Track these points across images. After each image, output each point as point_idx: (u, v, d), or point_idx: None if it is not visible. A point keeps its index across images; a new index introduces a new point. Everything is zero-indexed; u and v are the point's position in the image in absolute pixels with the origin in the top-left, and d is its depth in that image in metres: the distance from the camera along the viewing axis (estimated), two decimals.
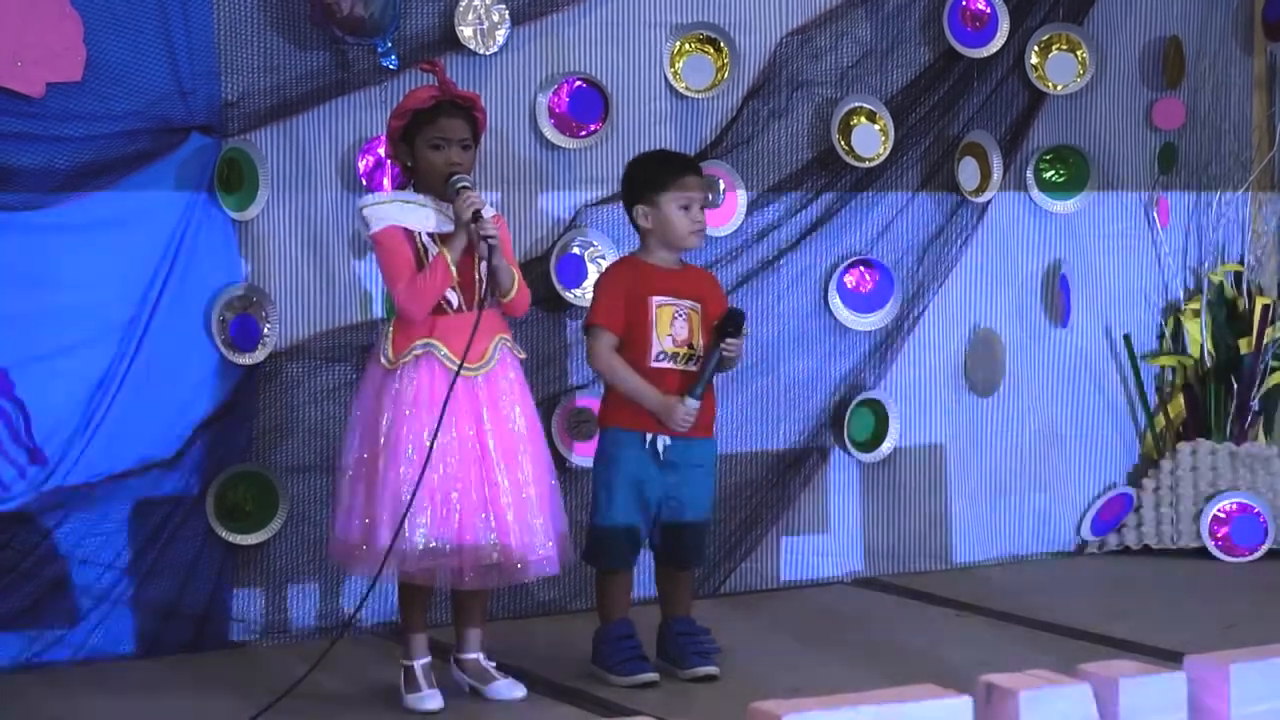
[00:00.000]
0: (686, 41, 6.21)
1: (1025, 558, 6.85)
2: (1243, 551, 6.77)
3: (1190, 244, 7.08)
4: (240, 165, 5.60)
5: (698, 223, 5.29)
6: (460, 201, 4.90)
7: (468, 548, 4.86)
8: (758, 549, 6.39)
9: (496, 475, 4.91)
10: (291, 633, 5.71)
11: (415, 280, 4.91)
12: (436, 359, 4.91)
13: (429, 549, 4.82)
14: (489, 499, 4.90)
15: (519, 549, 4.90)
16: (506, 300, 5.03)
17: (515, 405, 5.01)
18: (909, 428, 6.59)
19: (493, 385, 4.98)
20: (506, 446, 4.95)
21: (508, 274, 5.00)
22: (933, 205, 6.60)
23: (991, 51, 6.56)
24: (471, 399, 4.93)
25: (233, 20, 5.58)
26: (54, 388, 5.39)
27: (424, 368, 4.92)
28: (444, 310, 4.95)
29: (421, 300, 4.91)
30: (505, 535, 4.89)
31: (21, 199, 5.33)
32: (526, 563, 4.93)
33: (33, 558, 5.31)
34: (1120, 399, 7.01)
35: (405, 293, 4.92)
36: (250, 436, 5.66)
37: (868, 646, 5.54)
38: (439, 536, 4.83)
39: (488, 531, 4.88)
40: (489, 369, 4.97)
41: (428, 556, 4.83)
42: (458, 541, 4.85)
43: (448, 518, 4.85)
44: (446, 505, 4.85)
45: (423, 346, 4.91)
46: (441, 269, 4.89)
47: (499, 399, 4.98)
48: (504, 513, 4.89)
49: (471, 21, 5.85)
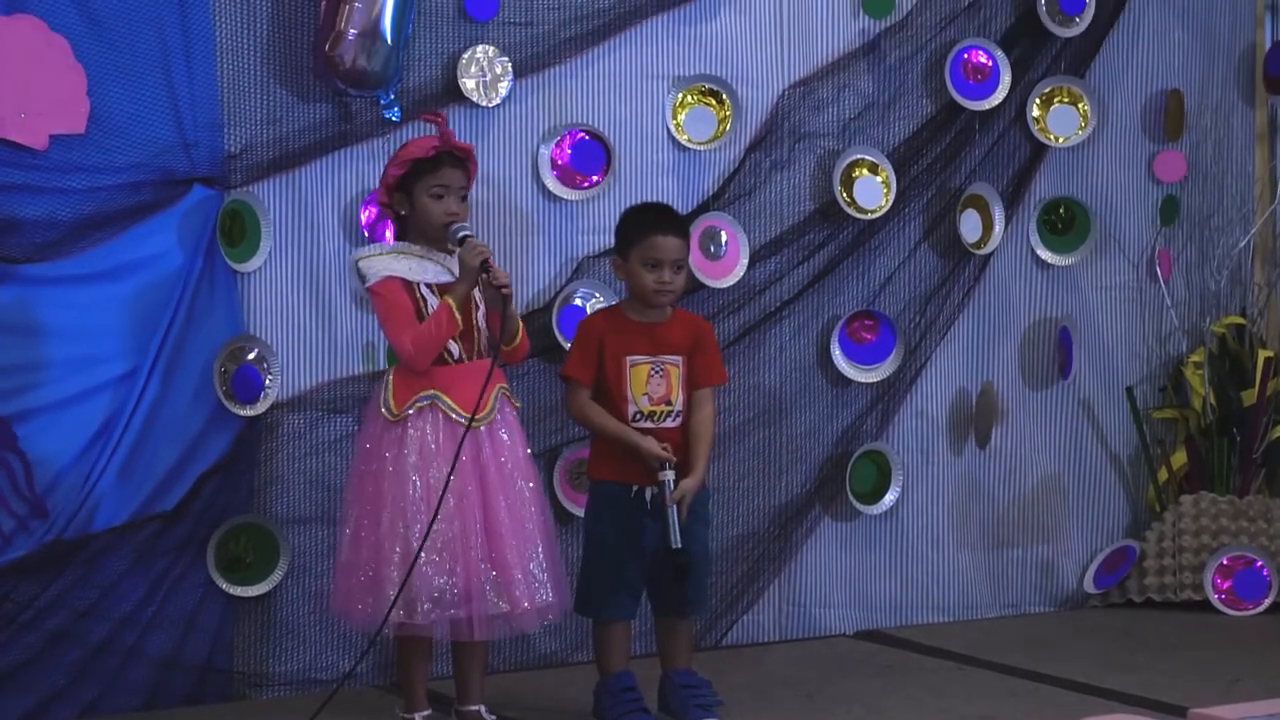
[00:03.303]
0: (689, 93, 6.23)
1: (1028, 610, 6.84)
2: (1246, 605, 6.75)
3: (1192, 296, 7.08)
4: (243, 217, 5.61)
5: (663, 284, 5.25)
6: (467, 251, 4.92)
7: (475, 599, 4.86)
8: (760, 601, 6.38)
9: (501, 527, 4.91)
10: (292, 685, 5.69)
11: (420, 330, 4.91)
12: (441, 410, 4.91)
13: (436, 601, 4.82)
14: (493, 550, 4.89)
15: (524, 598, 4.89)
16: (510, 348, 5.04)
17: (516, 455, 5.02)
18: (911, 480, 6.58)
19: (494, 436, 4.99)
20: (510, 497, 4.96)
21: (515, 322, 5.02)
22: (935, 257, 6.61)
23: (993, 104, 6.58)
24: (476, 451, 4.94)
25: (236, 72, 5.60)
26: (55, 439, 5.39)
27: (429, 419, 4.92)
28: (445, 360, 4.96)
29: (428, 350, 4.92)
30: (511, 586, 4.89)
31: (24, 250, 5.34)
32: (532, 610, 4.93)
33: (33, 610, 5.30)
34: (1123, 451, 7.00)
35: (412, 344, 4.93)
36: (251, 488, 5.65)
37: (871, 700, 5.53)
38: (445, 589, 4.83)
39: (493, 582, 4.88)
40: (490, 419, 4.97)
41: (435, 609, 4.83)
42: (465, 593, 4.85)
43: (453, 570, 4.84)
44: (453, 558, 4.84)
45: (427, 399, 4.92)
46: (447, 317, 4.90)
47: (501, 449, 4.98)
48: (509, 563, 4.90)
49: (474, 74, 5.87)
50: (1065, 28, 6.69)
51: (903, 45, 6.54)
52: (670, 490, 5.13)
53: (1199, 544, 6.82)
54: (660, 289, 5.26)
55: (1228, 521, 6.84)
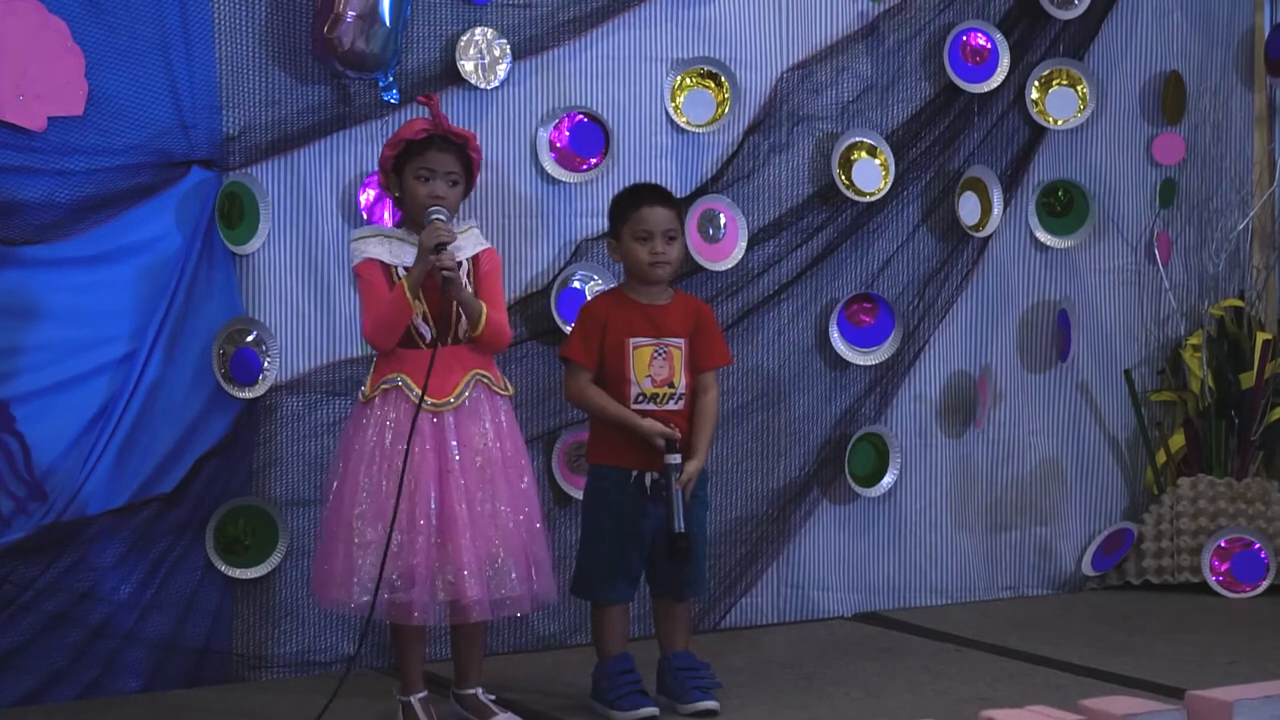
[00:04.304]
0: (687, 76, 6.22)
1: (1026, 592, 6.84)
2: (1244, 587, 6.76)
3: (1191, 279, 7.08)
4: (241, 199, 5.60)
5: (657, 255, 5.25)
6: (427, 233, 4.90)
7: (419, 584, 4.84)
8: (758, 584, 6.39)
9: (455, 514, 4.88)
10: (291, 667, 5.70)
11: (378, 312, 4.93)
12: (403, 393, 4.92)
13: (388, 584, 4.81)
14: (446, 537, 4.87)
15: (472, 588, 4.86)
16: (475, 334, 5.02)
17: (488, 443, 4.98)
18: (909, 462, 6.59)
19: (461, 422, 4.96)
20: (472, 483, 4.93)
21: (473, 309, 4.97)
22: (933, 240, 6.61)
23: (992, 86, 6.57)
24: (437, 436, 4.92)
25: (234, 54, 5.59)
26: (54, 422, 5.39)
27: (392, 402, 4.93)
28: (415, 344, 4.95)
29: (382, 331, 4.94)
30: (460, 574, 4.86)
31: (22, 232, 5.34)
32: (485, 600, 4.89)
33: (32, 592, 5.31)
34: (1121, 434, 7.00)
35: (371, 325, 4.95)
36: (250, 470, 5.66)
37: (869, 682, 5.53)
38: (393, 573, 4.82)
39: (441, 569, 4.86)
40: (457, 405, 4.94)
41: (385, 590, 4.82)
42: (409, 578, 4.84)
43: (398, 554, 4.83)
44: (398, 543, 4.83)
45: (391, 381, 4.93)
46: (397, 299, 4.90)
47: (470, 437, 4.95)
48: (460, 551, 4.86)
49: (473, 56, 5.86)
50: (1064, 10, 6.69)
51: (901, 28, 6.54)
52: (677, 473, 5.12)
53: (1197, 526, 6.82)
54: (655, 260, 5.25)
55: (1225, 504, 6.84)
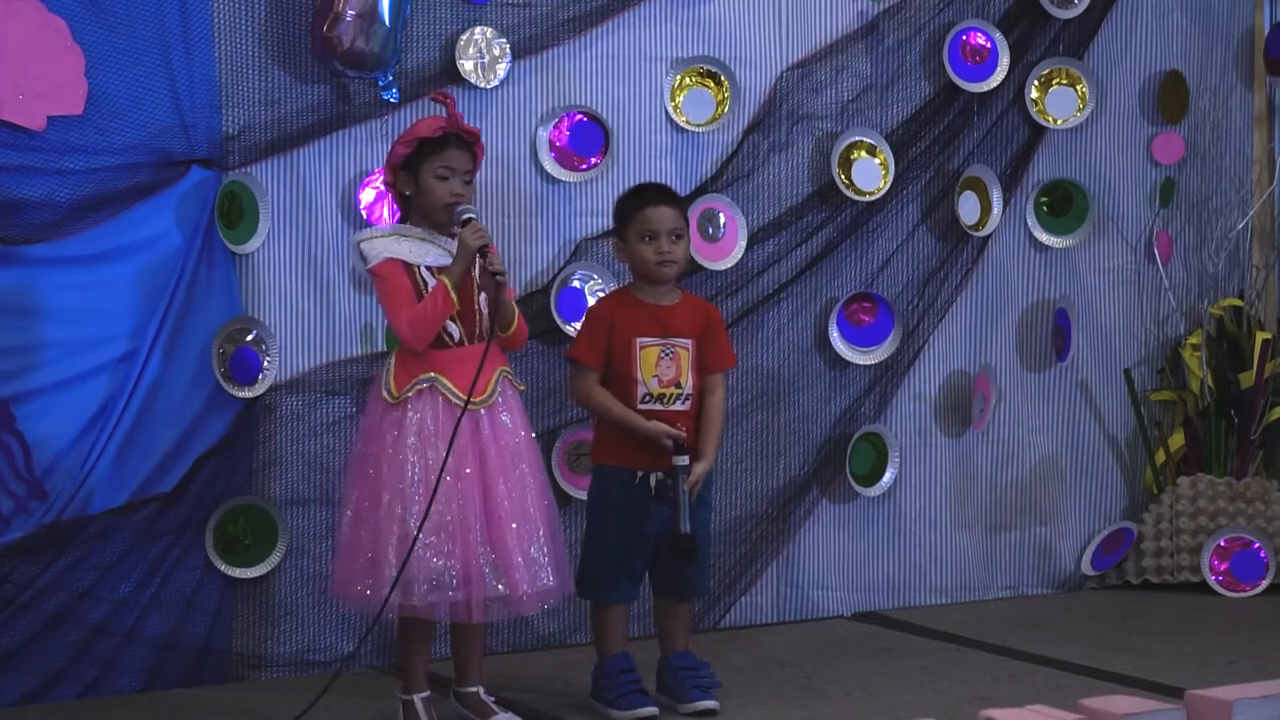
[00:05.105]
0: (687, 75, 6.22)
1: (1026, 592, 6.84)
2: (1243, 586, 6.76)
3: (1190, 278, 7.08)
4: (240, 198, 5.60)
5: (663, 254, 5.25)
6: (469, 232, 4.91)
7: (474, 581, 4.86)
8: (758, 583, 6.39)
9: (501, 510, 4.91)
10: (291, 666, 5.70)
11: (416, 311, 4.91)
12: (441, 393, 4.91)
13: (436, 584, 4.82)
14: (493, 533, 4.89)
15: (523, 581, 4.89)
16: (507, 335, 5.04)
17: (518, 438, 5.01)
18: (909, 461, 6.59)
19: (495, 419, 4.99)
20: (510, 480, 4.96)
21: (510, 309, 5.01)
22: (933, 239, 6.61)
23: (992, 86, 6.57)
24: (475, 433, 4.94)
25: (234, 54, 5.59)
26: (54, 421, 5.39)
27: (428, 402, 4.92)
28: (445, 343, 4.96)
29: (424, 331, 4.92)
30: (511, 569, 4.89)
31: (22, 231, 5.34)
32: (532, 594, 4.93)
33: (32, 591, 5.31)
34: (1120, 433, 7.00)
35: (409, 324, 4.92)
36: (250, 469, 5.65)
37: (868, 681, 5.53)
38: (445, 571, 4.83)
39: (492, 565, 4.88)
40: (491, 402, 4.97)
41: (434, 591, 4.83)
42: (464, 575, 4.85)
43: (453, 553, 4.84)
44: (452, 540, 4.84)
45: (427, 381, 4.92)
46: (443, 297, 4.89)
47: (502, 432, 4.98)
48: (508, 546, 4.89)
49: (472, 55, 5.86)
50: (1064, 9, 6.69)
51: (901, 27, 6.54)
52: (685, 475, 5.12)
53: (1196, 526, 6.82)
54: (661, 259, 5.25)
55: (1225, 503, 6.84)
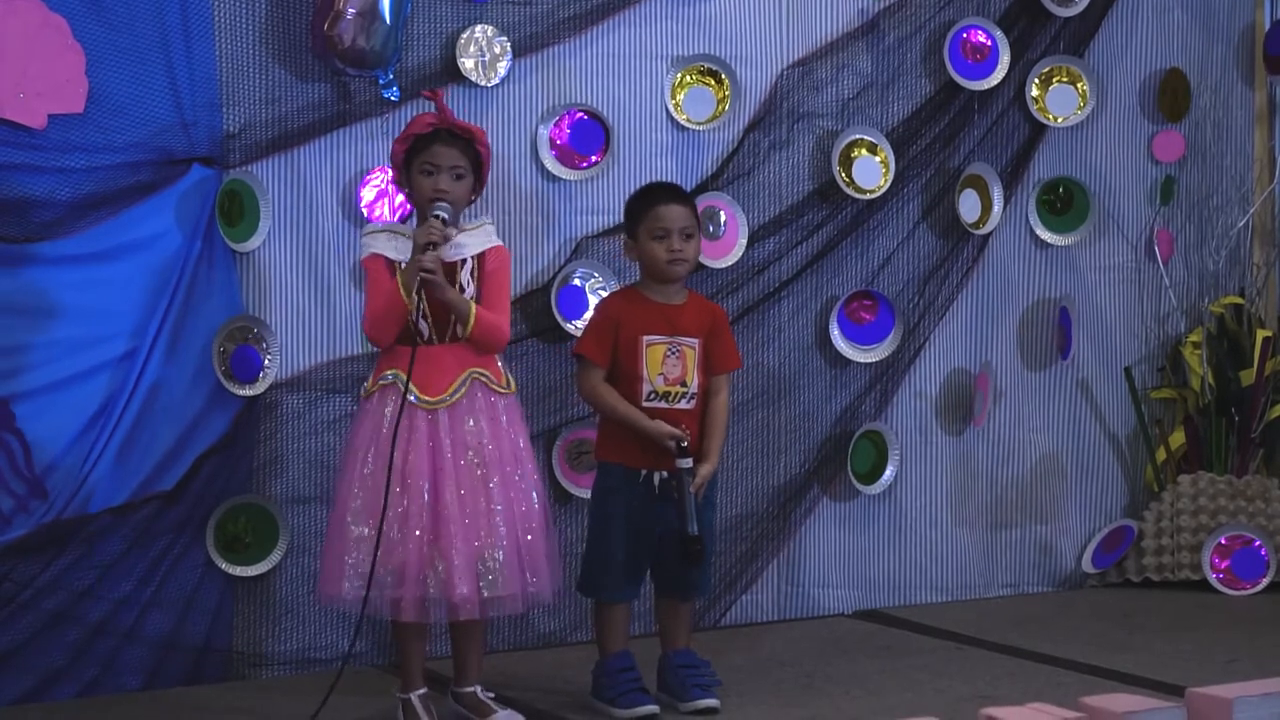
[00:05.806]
0: (687, 73, 6.22)
1: (1026, 590, 6.84)
2: (1244, 584, 6.76)
3: (1191, 276, 7.08)
4: (241, 197, 5.60)
5: (674, 251, 5.24)
6: (419, 230, 4.93)
7: (410, 581, 4.85)
8: (758, 581, 6.39)
9: (447, 511, 4.89)
10: (291, 665, 5.70)
11: (373, 306, 4.95)
12: (397, 389, 4.92)
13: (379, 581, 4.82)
14: (439, 534, 4.88)
15: (461, 585, 4.86)
16: (465, 335, 5.00)
17: (485, 440, 4.98)
18: (909, 460, 6.59)
19: (457, 420, 4.96)
20: (465, 481, 4.92)
21: (460, 309, 4.97)
22: (934, 237, 6.61)
23: (992, 84, 6.57)
24: (431, 433, 4.93)
25: (235, 52, 5.59)
26: (54, 420, 5.39)
27: (390, 399, 4.94)
28: (414, 341, 4.95)
29: (380, 326, 4.96)
30: (450, 572, 4.86)
31: (23, 230, 5.33)
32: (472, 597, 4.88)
33: (32, 590, 5.31)
34: (1121, 431, 7.00)
35: (369, 320, 4.99)
36: (250, 468, 5.66)
37: (869, 680, 5.53)
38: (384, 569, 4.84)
39: (432, 567, 4.86)
40: (452, 403, 4.94)
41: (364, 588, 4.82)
42: (400, 574, 4.85)
43: (391, 550, 4.84)
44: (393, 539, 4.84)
45: (390, 377, 4.94)
46: (390, 294, 4.91)
47: (464, 434, 4.95)
48: (452, 549, 4.86)
49: (473, 53, 5.86)
50: (1064, 7, 6.69)
51: (901, 25, 6.54)
52: (690, 477, 5.12)
53: (1197, 524, 6.82)
54: (673, 258, 5.24)
55: (1226, 501, 6.84)
